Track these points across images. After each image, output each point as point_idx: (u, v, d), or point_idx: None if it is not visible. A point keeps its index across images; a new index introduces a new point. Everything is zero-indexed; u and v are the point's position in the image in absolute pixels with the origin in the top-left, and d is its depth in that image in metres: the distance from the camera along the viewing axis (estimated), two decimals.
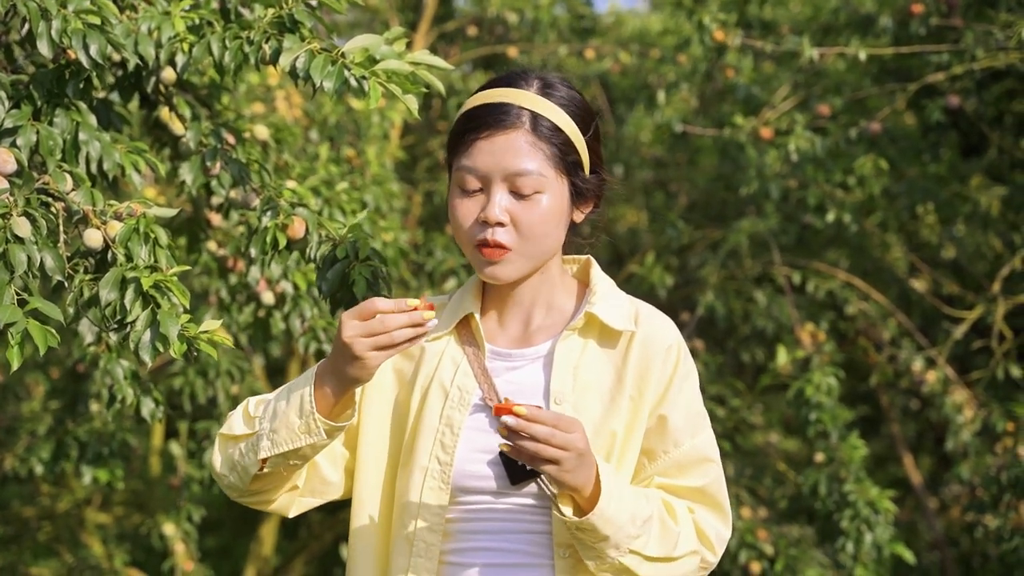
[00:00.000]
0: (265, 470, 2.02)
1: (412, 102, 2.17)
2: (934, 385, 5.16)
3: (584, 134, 2.05)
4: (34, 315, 1.97)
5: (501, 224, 2.00)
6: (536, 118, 2.01)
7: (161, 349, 2.01)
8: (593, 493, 1.92)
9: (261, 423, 2.01)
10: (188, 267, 2.14)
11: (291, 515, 2.15)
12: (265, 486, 2.07)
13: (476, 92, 2.08)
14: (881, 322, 5.60)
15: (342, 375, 1.94)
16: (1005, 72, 5.06)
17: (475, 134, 2.01)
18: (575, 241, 2.15)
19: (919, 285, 6.00)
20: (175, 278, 2.06)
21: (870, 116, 5.28)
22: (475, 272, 2.13)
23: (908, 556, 4.61)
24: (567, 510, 1.94)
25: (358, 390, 2.09)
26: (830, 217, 5.08)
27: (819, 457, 4.75)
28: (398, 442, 2.11)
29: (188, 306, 2.06)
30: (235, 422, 2.06)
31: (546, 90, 2.04)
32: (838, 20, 5.32)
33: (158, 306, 2.03)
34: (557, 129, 2.01)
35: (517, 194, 2.00)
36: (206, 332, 2.05)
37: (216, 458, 2.08)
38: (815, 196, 5.07)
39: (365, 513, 2.12)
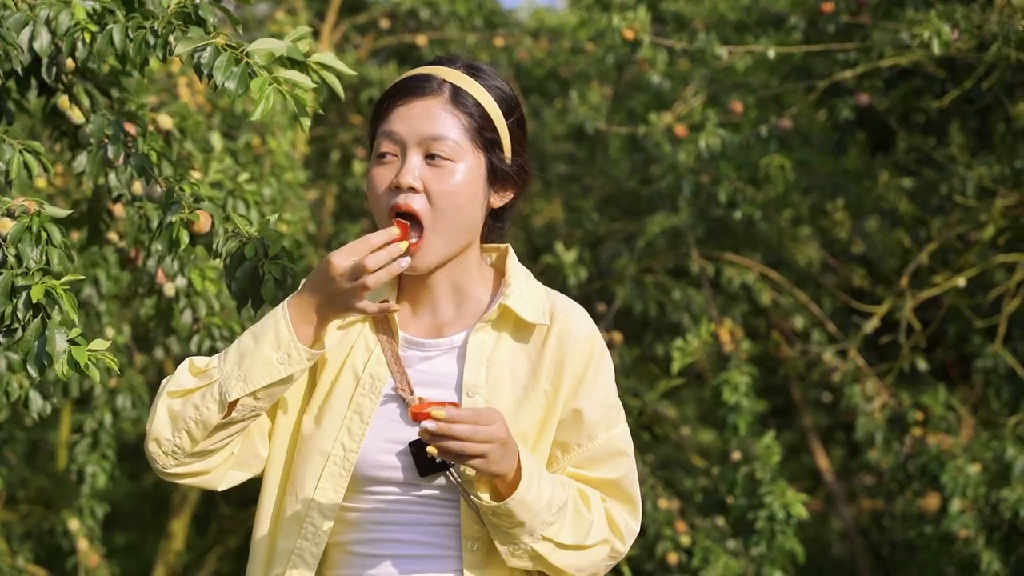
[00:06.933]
0: (233, 415, 1.97)
1: (306, 122, 2.13)
2: (844, 376, 5.24)
3: (506, 118, 2.06)
4: None
5: (414, 189, 1.99)
6: (457, 91, 2.03)
7: (47, 364, 1.97)
8: (514, 479, 1.93)
9: (221, 369, 1.98)
10: (82, 277, 2.10)
11: (220, 488, 2.10)
12: (215, 444, 2.00)
13: None
14: (793, 314, 5.67)
15: (325, 308, 1.96)
16: (912, 71, 5.14)
17: (393, 100, 2.04)
18: (495, 228, 2.14)
19: (831, 280, 6.08)
20: (66, 287, 2.01)
21: (783, 113, 5.33)
22: None
23: (800, 551, 4.66)
24: (484, 495, 1.94)
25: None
26: (737, 215, 5.13)
27: (736, 456, 4.80)
28: (300, 424, 2.09)
29: (77, 319, 2.02)
30: (182, 378, 2.01)
31: (471, 70, 2.07)
32: (750, 17, 5.37)
33: (48, 316, 1.99)
34: (477, 104, 2.03)
35: (431, 162, 2.00)
36: (94, 352, 2.02)
37: (158, 422, 1.99)
38: (726, 192, 5.11)
39: (271, 492, 2.10)
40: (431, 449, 1.86)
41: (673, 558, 4.94)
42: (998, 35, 4.18)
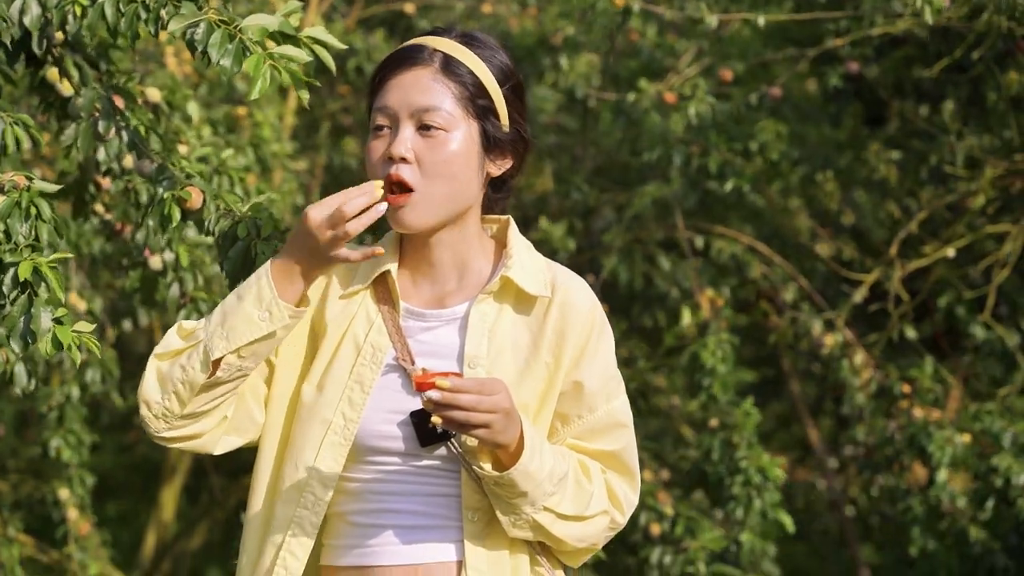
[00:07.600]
0: (218, 374, 1.98)
1: (304, 95, 2.12)
2: (832, 348, 5.24)
3: (501, 85, 2.05)
4: None
5: (405, 160, 1.99)
6: (448, 59, 2.02)
7: (30, 342, 1.97)
8: (516, 449, 1.93)
9: (206, 330, 1.99)
10: (71, 255, 2.08)
11: (216, 452, 2.10)
12: (204, 405, 2.01)
13: None
14: (782, 285, 5.67)
15: (307, 263, 1.98)
16: (904, 39, 5.13)
17: (386, 72, 2.04)
18: (496, 198, 2.12)
19: (821, 250, 6.08)
20: (53, 265, 2.00)
21: (773, 81, 5.31)
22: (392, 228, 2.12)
23: (788, 522, 4.67)
24: (487, 465, 1.95)
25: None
26: (728, 186, 5.12)
27: (713, 422, 4.81)
28: (300, 394, 2.09)
29: (63, 298, 2.02)
30: (170, 340, 2.03)
31: (465, 39, 2.06)
32: None
33: (35, 293, 1.98)
34: (470, 72, 2.02)
35: (424, 133, 2.00)
36: (77, 334, 2.02)
37: (147, 384, 2.01)
38: (716, 162, 5.09)
39: (267, 460, 2.09)
40: (435, 419, 1.86)
41: (656, 529, 4.95)
42: (990, 2, 4.15)
